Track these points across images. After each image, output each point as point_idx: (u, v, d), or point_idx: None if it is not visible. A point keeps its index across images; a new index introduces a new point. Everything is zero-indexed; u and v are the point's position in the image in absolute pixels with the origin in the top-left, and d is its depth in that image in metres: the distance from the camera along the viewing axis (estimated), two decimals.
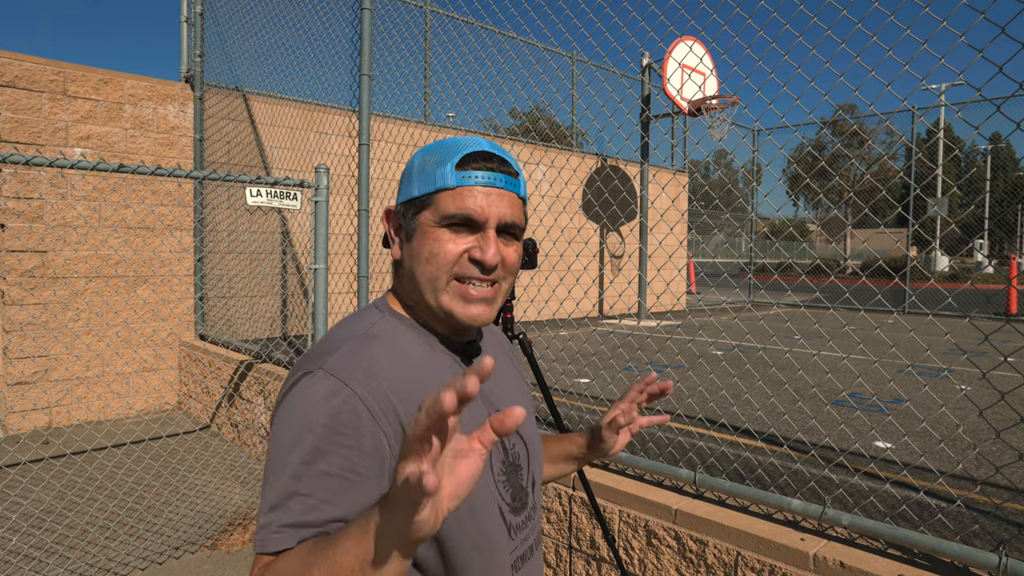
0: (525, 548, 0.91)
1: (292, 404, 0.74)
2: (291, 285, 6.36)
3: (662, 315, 10.73)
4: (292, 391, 0.76)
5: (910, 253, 12.39)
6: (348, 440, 0.70)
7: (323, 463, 0.69)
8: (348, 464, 0.70)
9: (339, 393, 0.72)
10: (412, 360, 0.82)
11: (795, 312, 11.95)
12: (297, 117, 6.57)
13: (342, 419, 0.71)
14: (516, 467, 0.92)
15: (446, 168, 0.83)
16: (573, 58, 10.22)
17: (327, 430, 0.70)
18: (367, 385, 0.74)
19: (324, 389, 0.73)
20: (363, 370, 0.76)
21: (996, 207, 28.64)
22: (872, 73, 2.23)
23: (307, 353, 0.82)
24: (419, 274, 0.84)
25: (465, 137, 0.87)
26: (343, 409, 0.71)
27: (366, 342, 0.81)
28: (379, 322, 0.86)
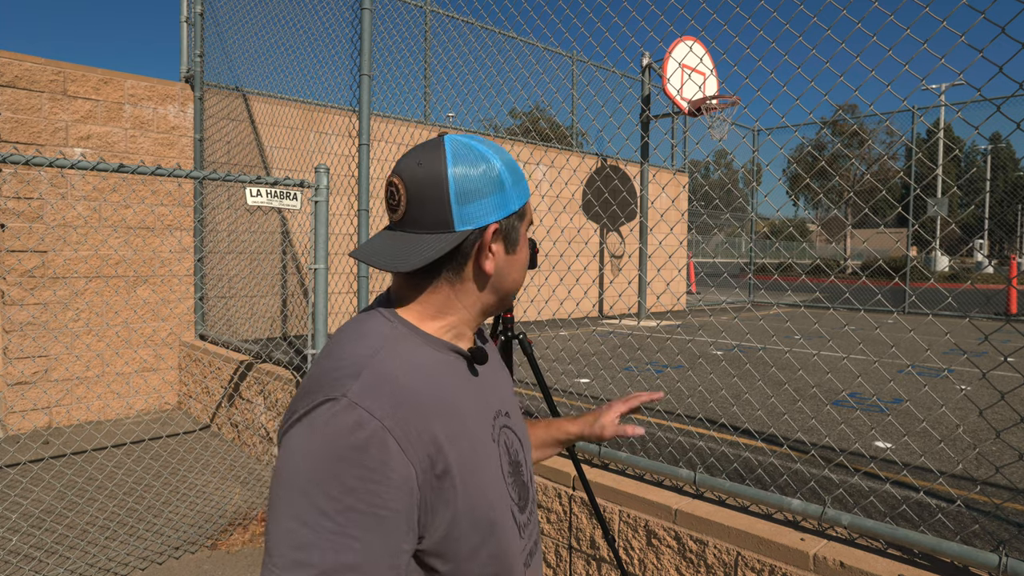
0: (531, 543, 0.93)
1: (312, 431, 0.71)
2: (291, 285, 6.36)
3: (662, 315, 10.73)
4: (312, 416, 0.72)
5: (910, 253, 12.39)
6: (377, 475, 0.69)
7: (351, 498, 0.68)
8: (377, 500, 0.69)
9: (366, 425, 0.70)
10: (431, 374, 0.81)
11: (795, 312, 11.95)
12: (297, 117, 6.57)
13: (370, 452, 0.69)
14: (517, 464, 0.93)
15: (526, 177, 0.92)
16: (573, 58, 10.22)
17: (355, 464, 0.69)
18: (394, 415, 0.73)
19: (350, 420, 0.70)
20: (389, 398, 0.74)
21: (996, 207, 28.64)
22: (872, 73, 2.23)
23: (321, 372, 0.77)
24: (515, 280, 0.91)
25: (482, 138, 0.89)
26: (371, 442, 0.70)
27: (387, 360, 0.78)
28: (393, 334, 0.83)
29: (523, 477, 0.94)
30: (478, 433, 0.83)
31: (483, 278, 0.87)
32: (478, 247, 0.84)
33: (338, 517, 0.67)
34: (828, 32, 2.27)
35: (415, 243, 0.82)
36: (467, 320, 0.89)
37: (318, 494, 0.68)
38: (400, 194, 0.83)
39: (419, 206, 0.82)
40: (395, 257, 0.81)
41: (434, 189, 0.81)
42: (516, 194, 0.87)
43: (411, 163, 0.83)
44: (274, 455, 4.44)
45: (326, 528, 0.67)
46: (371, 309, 0.88)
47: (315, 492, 0.68)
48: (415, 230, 0.83)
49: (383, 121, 7.36)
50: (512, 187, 0.86)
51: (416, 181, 0.82)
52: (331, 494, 0.67)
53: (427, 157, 0.82)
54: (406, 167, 0.83)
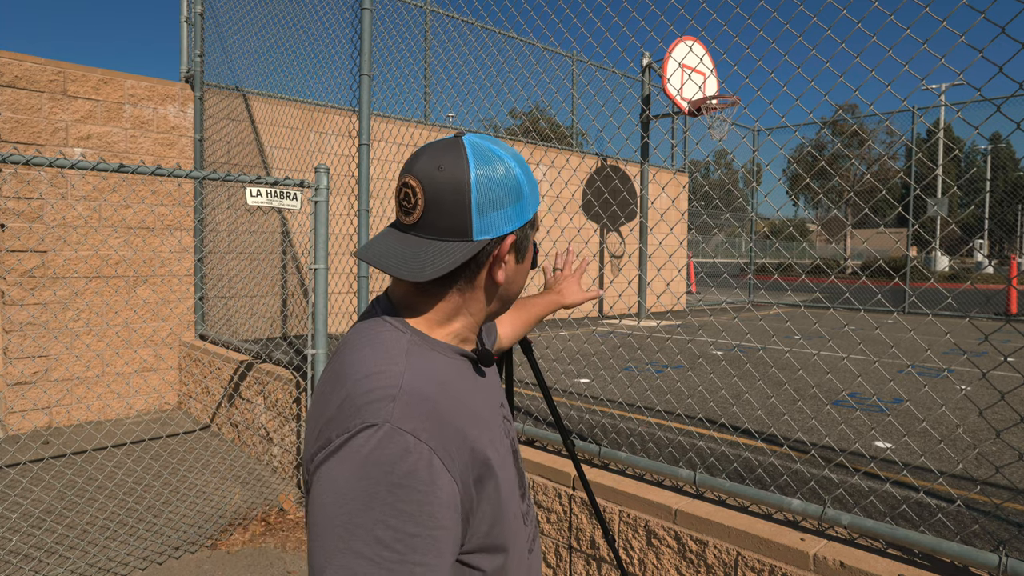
0: (532, 529, 0.95)
1: (356, 460, 0.69)
2: (291, 285, 6.36)
3: (662, 315, 10.73)
4: (350, 445, 0.70)
5: (910, 253, 12.39)
6: (429, 497, 0.69)
7: (410, 525, 0.67)
8: (433, 521, 0.69)
9: (413, 450, 0.70)
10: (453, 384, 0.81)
11: (795, 312, 11.95)
12: (297, 117, 6.57)
13: (420, 476, 0.69)
14: (515, 453, 0.94)
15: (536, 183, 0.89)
16: (573, 58, 10.22)
17: (409, 490, 0.68)
18: (437, 436, 0.72)
19: (397, 446, 0.69)
20: (428, 418, 0.73)
21: (996, 207, 28.65)
22: (872, 73, 2.23)
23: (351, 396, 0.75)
24: (516, 288, 0.90)
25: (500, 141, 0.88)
26: (419, 466, 0.69)
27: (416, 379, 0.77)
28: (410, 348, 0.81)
29: (519, 464, 0.96)
30: (496, 432, 0.85)
31: (494, 288, 0.86)
32: (494, 258, 0.83)
33: (398, 545, 0.66)
34: (828, 32, 2.27)
35: (429, 249, 0.79)
36: (472, 326, 0.88)
37: (375, 525, 0.66)
38: (417, 197, 0.79)
39: (437, 212, 0.79)
40: (410, 263, 0.79)
41: (455, 195, 0.78)
42: (532, 202, 0.86)
43: (430, 165, 0.79)
44: (274, 455, 4.44)
45: (387, 559, 0.66)
46: (375, 316, 0.86)
47: (372, 523, 0.66)
48: (429, 235, 0.80)
49: (383, 121, 7.36)
50: (529, 195, 0.85)
51: (436, 185, 0.78)
52: (389, 523, 0.66)
53: (448, 160, 0.79)
54: (425, 169, 0.79)
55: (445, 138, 0.83)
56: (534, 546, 0.94)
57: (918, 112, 11.65)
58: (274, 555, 3.22)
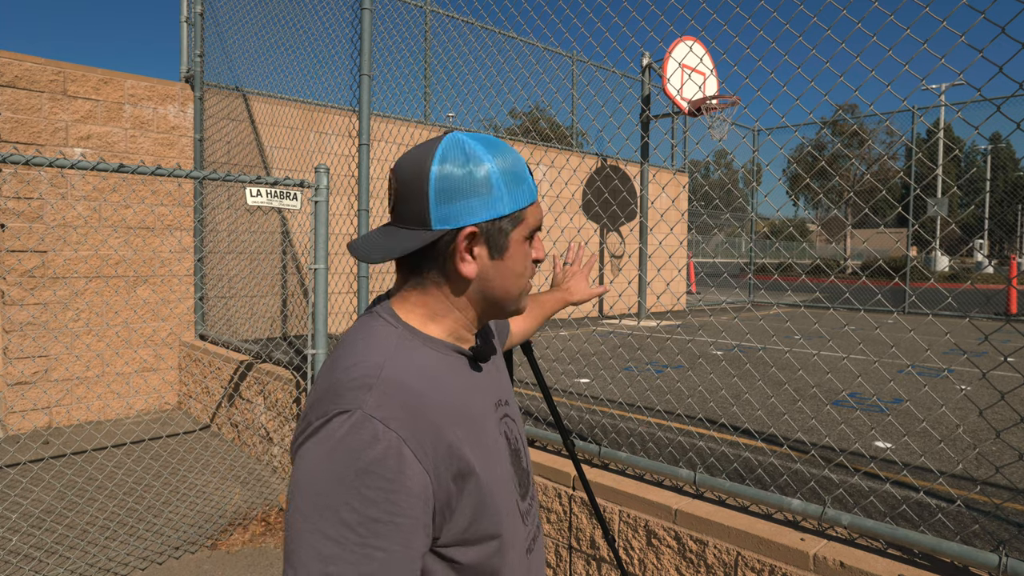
0: (533, 529, 0.95)
1: (329, 445, 0.72)
2: (291, 285, 6.36)
3: (662, 315, 10.73)
4: (325, 430, 0.73)
5: (910, 253, 12.39)
6: (395, 485, 0.71)
7: (373, 510, 0.69)
8: (397, 508, 0.71)
9: (382, 438, 0.72)
10: (439, 379, 0.82)
11: (795, 312, 11.95)
12: (297, 117, 6.57)
13: (388, 464, 0.71)
14: (517, 452, 0.94)
15: (529, 181, 0.87)
16: (573, 58, 10.22)
17: (375, 476, 0.70)
18: (409, 426, 0.74)
19: (366, 432, 0.71)
20: (403, 408, 0.75)
21: (996, 207, 28.65)
22: (872, 73, 2.23)
23: (333, 383, 0.78)
24: (509, 288, 0.88)
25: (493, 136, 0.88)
26: (388, 454, 0.71)
27: (396, 369, 0.79)
28: (400, 341, 0.83)
29: (523, 464, 0.95)
30: (487, 429, 0.85)
31: (463, 281, 0.86)
32: (453, 249, 0.83)
33: (360, 528, 0.69)
34: (828, 32, 2.27)
35: (396, 236, 0.83)
36: (465, 325, 0.89)
37: (340, 507, 0.69)
38: (394, 188, 0.84)
39: (404, 201, 0.83)
40: (375, 248, 0.82)
41: (417, 184, 0.82)
42: (510, 198, 0.84)
43: (406, 158, 0.84)
44: (274, 455, 4.44)
45: (350, 540, 0.68)
46: (372, 312, 0.88)
47: (338, 505, 0.69)
48: (399, 225, 0.84)
49: (383, 121, 7.36)
50: (504, 189, 0.84)
51: (404, 176, 0.83)
52: (353, 506, 0.69)
53: (420, 153, 0.83)
54: (401, 162, 0.85)
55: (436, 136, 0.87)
56: (534, 546, 0.94)
57: (918, 112, 11.65)
58: (274, 555, 3.22)
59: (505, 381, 1.01)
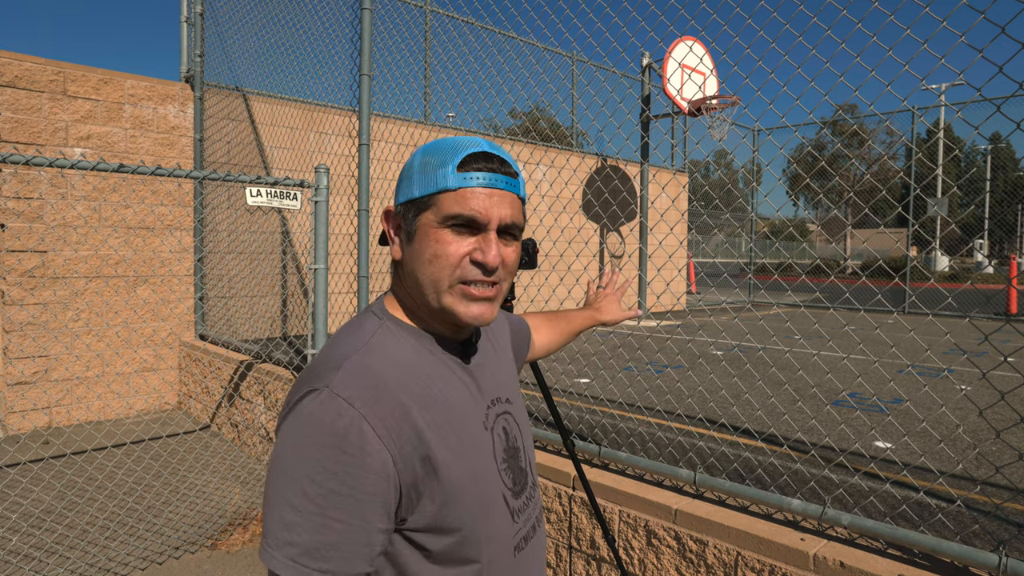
0: (527, 528, 0.94)
1: (298, 421, 0.75)
2: (291, 285, 6.36)
3: (662, 315, 10.73)
4: (297, 408, 0.76)
5: (910, 253, 12.38)
6: (355, 460, 0.73)
7: (332, 482, 0.72)
8: (356, 483, 0.72)
9: (345, 414, 0.74)
10: (414, 367, 0.83)
11: (795, 312, 11.95)
12: (297, 117, 6.57)
13: (349, 439, 0.73)
14: (515, 450, 0.95)
15: (448, 169, 0.83)
16: (573, 58, 10.22)
17: (335, 450, 0.72)
18: (372, 405, 0.76)
19: (331, 410, 0.74)
20: (368, 389, 0.77)
21: (996, 207, 28.64)
22: (872, 73, 2.23)
23: (312, 366, 0.83)
24: (421, 275, 0.84)
25: (465, 137, 0.87)
26: (350, 430, 0.73)
27: (369, 355, 0.81)
28: (379, 331, 0.86)
29: (520, 463, 0.95)
30: (466, 421, 0.85)
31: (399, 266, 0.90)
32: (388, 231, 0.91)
33: (319, 500, 0.71)
34: (828, 32, 2.27)
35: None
36: (426, 311, 0.88)
37: (303, 479, 0.72)
38: None
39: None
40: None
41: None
42: (420, 182, 0.84)
43: None
44: None
45: (309, 510, 0.71)
46: (367, 308, 0.93)
47: (300, 477, 0.72)
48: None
49: (383, 121, 7.36)
50: (418, 175, 0.85)
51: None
52: (314, 478, 0.72)
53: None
54: None
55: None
56: (526, 546, 0.93)
57: (918, 112, 11.65)
58: None
59: (508, 380, 1.00)
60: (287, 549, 0.71)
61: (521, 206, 0.89)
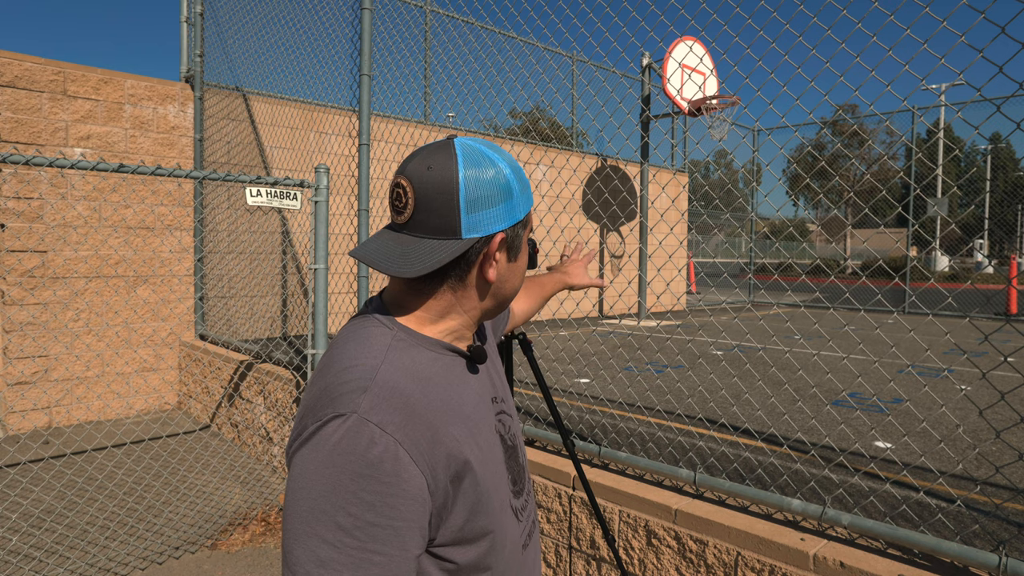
0: (529, 524, 0.95)
1: (324, 449, 0.71)
2: (291, 285, 6.36)
3: (662, 315, 10.73)
4: (321, 434, 0.72)
5: (910, 253, 12.38)
6: (392, 489, 0.70)
7: (370, 514, 0.69)
8: (395, 512, 0.70)
9: (379, 442, 0.71)
10: (433, 380, 0.82)
11: (795, 312, 11.95)
12: (297, 117, 6.57)
13: (384, 467, 0.70)
14: (513, 449, 0.95)
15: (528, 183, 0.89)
16: (573, 58, 10.22)
17: (371, 480, 0.70)
18: (404, 428, 0.73)
19: (363, 436, 0.71)
20: (398, 411, 0.74)
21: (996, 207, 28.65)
22: (872, 73, 2.23)
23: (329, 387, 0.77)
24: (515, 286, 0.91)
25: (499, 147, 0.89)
26: (384, 458, 0.71)
27: (391, 372, 0.78)
28: (393, 343, 0.82)
29: (519, 461, 0.96)
30: (483, 428, 0.86)
31: (485, 286, 0.87)
32: (484, 255, 0.84)
33: (358, 533, 0.68)
34: (828, 32, 2.27)
35: (419, 247, 0.80)
36: (467, 324, 0.89)
37: (337, 512, 0.69)
38: (408, 197, 0.81)
39: (427, 211, 0.80)
40: (399, 260, 0.80)
41: (444, 195, 0.80)
42: (523, 202, 0.86)
43: (420, 166, 0.81)
44: (274, 455, 4.44)
45: (347, 544, 0.68)
46: (366, 315, 0.87)
47: (334, 510, 0.69)
48: (420, 234, 0.81)
49: (383, 121, 7.36)
50: (520, 195, 0.86)
51: (425, 185, 0.80)
52: (350, 511, 0.69)
53: (437, 161, 0.81)
54: (415, 170, 0.81)
55: (437, 141, 0.85)
56: (530, 542, 0.95)
57: (918, 112, 11.65)
58: (274, 555, 3.22)
59: (500, 378, 1.01)
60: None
61: None
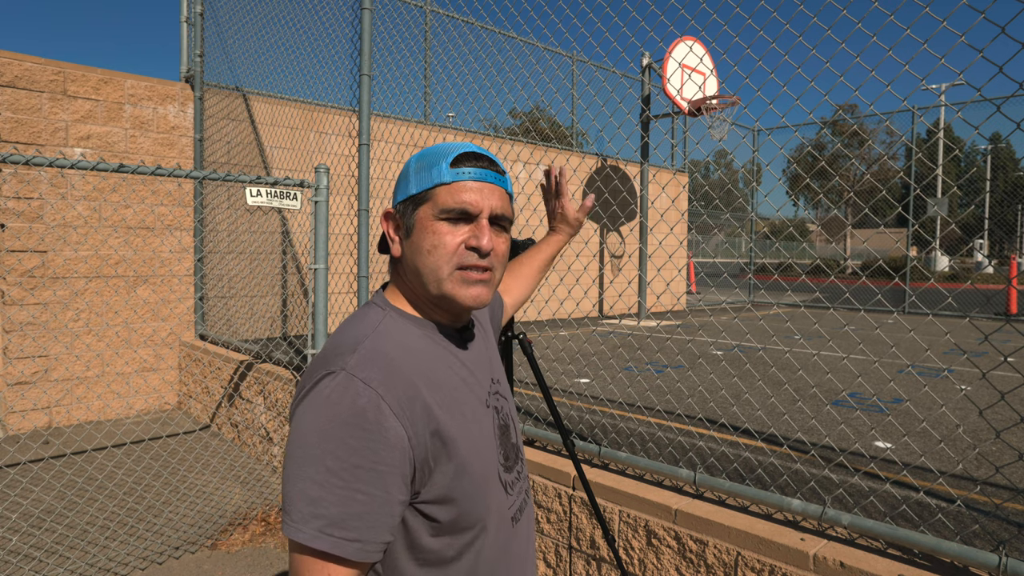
0: (520, 500, 1.01)
1: (317, 402, 0.80)
2: (291, 285, 6.36)
3: (662, 315, 10.73)
4: (315, 390, 0.81)
5: (910, 253, 12.38)
6: (375, 435, 0.78)
7: (355, 457, 0.77)
8: (377, 457, 0.78)
9: (363, 393, 0.79)
10: (419, 352, 0.90)
11: (795, 312, 11.95)
12: (297, 117, 6.57)
13: (367, 416, 0.78)
14: (506, 427, 1.01)
15: (441, 166, 0.91)
16: (573, 58, 10.22)
17: (355, 428, 0.77)
18: (387, 384, 0.81)
19: (349, 390, 0.79)
20: (382, 369, 0.83)
21: (996, 207, 28.65)
22: (872, 73, 2.23)
23: (323, 353, 0.87)
24: (422, 266, 0.91)
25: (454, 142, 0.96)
26: (368, 407, 0.78)
27: (379, 340, 0.87)
28: (385, 319, 0.92)
29: (511, 439, 1.02)
30: (468, 399, 0.92)
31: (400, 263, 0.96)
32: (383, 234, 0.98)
33: (344, 474, 0.76)
34: (828, 32, 2.27)
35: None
36: (426, 302, 0.95)
37: (326, 456, 0.77)
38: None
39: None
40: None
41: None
42: (417, 180, 0.92)
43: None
44: (274, 455, 4.44)
45: (334, 484, 0.76)
46: (368, 301, 0.99)
47: (323, 454, 0.77)
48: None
49: (383, 121, 7.36)
50: (414, 174, 0.93)
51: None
52: (337, 454, 0.76)
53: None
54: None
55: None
56: (521, 517, 1.01)
57: (918, 112, 11.65)
58: (274, 555, 3.22)
59: (496, 363, 1.08)
60: (315, 522, 0.75)
61: (509, 201, 0.96)
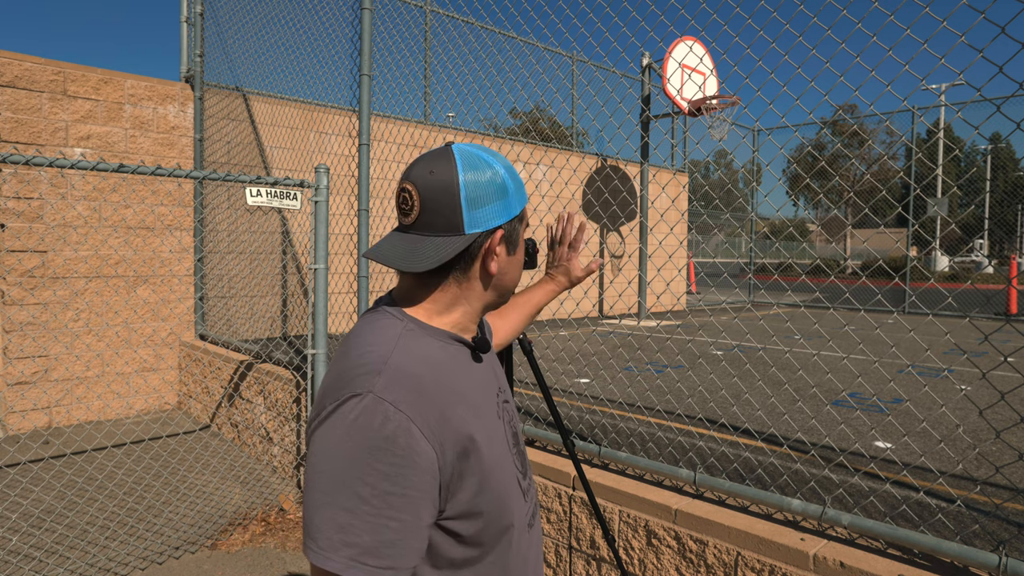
0: (532, 507, 1.03)
1: (343, 425, 0.78)
2: (291, 285, 6.36)
3: (662, 315, 10.73)
4: (340, 412, 0.79)
5: (910, 253, 12.38)
6: (406, 461, 0.77)
7: (386, 484, 0.76)
8: (408, 483, 0.77)
9: (392, 417, 0.78)
10: (441, 365, 0.89)
11: (795, 312, 11.95)
12: (297, 117, 6.57)
13: (398, 442, 0.77)
14: (516, 435, 1.03)
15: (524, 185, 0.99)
16: (573, 58, 10.22)
17: (386, 452, 0.77)
18: (416, 406, 0.80)
19: (378, 413, 0.78)
20: (409, 391, 0.81)
21: (996, 207, 28.66)
22: (872, 73, 2.23)
23: (345, 371, 0.84)
24: (514, 279, 0.98)
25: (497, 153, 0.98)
26: (398, 432, 0.78)
27: (403, 357, 0.85)
28: (404, 333, 0.90)
29: (521, 447, 1.04)
30: (487, 413, 0.93)
31: (487, 278, 0.95)
32: (485, 249, 0.93)
33: (375, 501, 0.75)
34: (828, 32, 2.27)
35: (427, 245, 0.89)
36: (471, 315, 0.97)
37: (355, 482, 0.76)
38: (414, 200, 0.90)
39: (432, 211, 0.89)
40: (409, 258, 0.89)
41: (447, 196, 0.89)
42: (518, 199, 0.95)
43: (423, 171, 0.90)
44: (274, 455, 4.44)
45: (365, 512, 0.75)
46: (377, 310, 0.95)
47: (353, 480, 0.76)
48: (427, 233, 0.90)
49: (383, 121, 7.36)
50: (514, 193, 0.94)
51: (429, 187, 0.89)
52: (367, 481, 0.76)
53: (439, 166, 0.90)
54: (419, 175, 0.90)
55: (436, 148, 0.94)
56: (534, 521, 1.02)
57: (918, 112, 11.65)
58: (274, 555, 3.22)
59: (501, 373, 1.09)
60: (346, 550, 0.74)
61: None
